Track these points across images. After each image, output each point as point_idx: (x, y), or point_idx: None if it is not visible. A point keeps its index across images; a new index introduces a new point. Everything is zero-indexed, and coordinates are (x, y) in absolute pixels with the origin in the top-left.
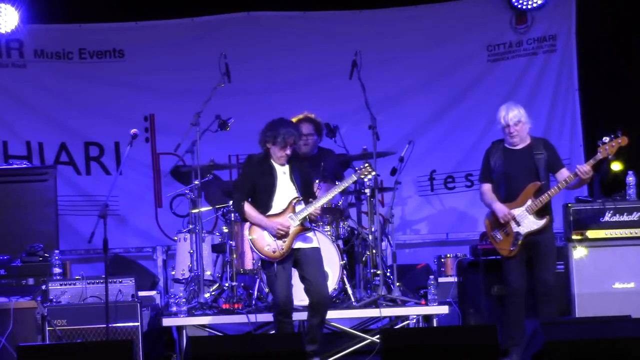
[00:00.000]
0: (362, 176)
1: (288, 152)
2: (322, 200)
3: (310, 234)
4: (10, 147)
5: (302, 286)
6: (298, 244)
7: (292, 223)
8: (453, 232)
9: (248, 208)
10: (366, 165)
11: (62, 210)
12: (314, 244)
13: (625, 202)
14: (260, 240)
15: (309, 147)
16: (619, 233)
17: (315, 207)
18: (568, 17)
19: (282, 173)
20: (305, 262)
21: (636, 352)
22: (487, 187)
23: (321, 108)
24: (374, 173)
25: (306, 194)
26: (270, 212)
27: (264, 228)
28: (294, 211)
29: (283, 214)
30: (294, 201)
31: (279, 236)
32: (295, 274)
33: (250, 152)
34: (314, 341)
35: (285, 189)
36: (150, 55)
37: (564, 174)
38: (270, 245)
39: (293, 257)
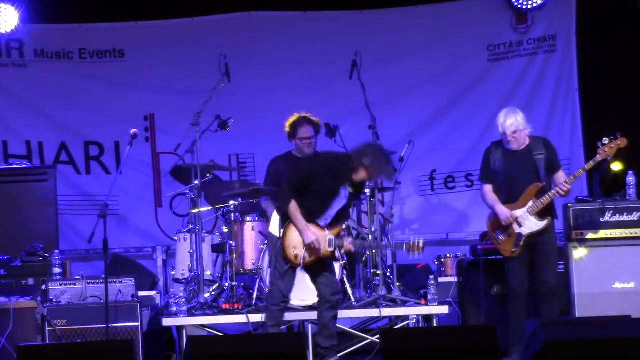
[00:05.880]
0: None
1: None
2: (361, 244)
3: None
4: (10, 147)
5: (302, 286)
6: None
7: (327, 245)
8: (453, 232)
9: (293, 206)
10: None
11: (62, 210)
12: None
13: (625, 202)
14: (290, 239)
15: (312, 148)
16: (619, 233)
17: (350, 243)
18: (568, 18)
19: (348, 192)
20: (317, 269)
21: (636, 352)
22: (488, 188)
23: (321, 108)
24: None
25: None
26: (318, 219)
27: (300, 231)
28: (337, 236)
29: (326, 231)
30: (343, 229)
31: (309, 248)
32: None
33: (250, 152)
34: (333, 336)
35: (339, 206)
36: (150, 55)
37: (560, 177)
38: (296, 248)
39: None
